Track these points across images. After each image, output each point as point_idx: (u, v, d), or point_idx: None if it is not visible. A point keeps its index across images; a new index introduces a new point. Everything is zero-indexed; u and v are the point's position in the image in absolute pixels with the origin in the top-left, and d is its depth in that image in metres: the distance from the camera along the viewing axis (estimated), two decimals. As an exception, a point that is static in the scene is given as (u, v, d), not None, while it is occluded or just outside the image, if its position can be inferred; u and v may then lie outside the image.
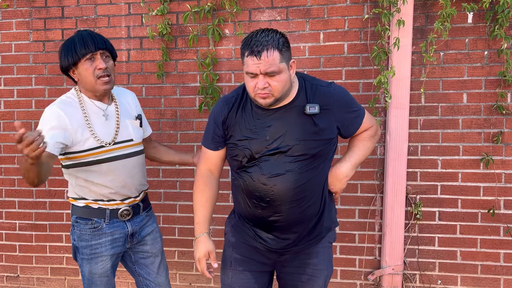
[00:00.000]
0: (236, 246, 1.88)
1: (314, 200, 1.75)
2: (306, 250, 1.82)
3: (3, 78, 3.06)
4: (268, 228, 1.77)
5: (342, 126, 1.75)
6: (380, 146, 2.75)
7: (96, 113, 1.93)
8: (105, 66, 1.86)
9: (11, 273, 3.22)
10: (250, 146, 1.71)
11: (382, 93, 2.68)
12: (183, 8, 2.83)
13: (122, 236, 2.01)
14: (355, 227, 2.83)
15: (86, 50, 1.83)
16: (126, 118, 2.02)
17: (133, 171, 2.00)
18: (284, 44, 1.61)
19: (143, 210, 2.10)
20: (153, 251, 2.13)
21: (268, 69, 1.57)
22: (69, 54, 1.86)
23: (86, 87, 1.90)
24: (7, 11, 3.02)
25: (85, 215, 1.97)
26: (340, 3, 2.71)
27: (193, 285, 3.05)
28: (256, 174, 1.71)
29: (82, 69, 1.86)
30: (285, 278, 1.88)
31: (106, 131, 1.93)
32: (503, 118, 2.64)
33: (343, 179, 1.82)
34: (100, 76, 1.86)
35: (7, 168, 3.12)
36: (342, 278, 2.88)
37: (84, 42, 1.84)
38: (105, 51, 1.89)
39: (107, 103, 1.98)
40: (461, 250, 2.75)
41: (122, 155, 1.96)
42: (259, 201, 1.73)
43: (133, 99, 2.13)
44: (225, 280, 1.90)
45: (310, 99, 1.70)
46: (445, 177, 2.72)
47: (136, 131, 2.04)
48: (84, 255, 1.99)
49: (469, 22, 2.62)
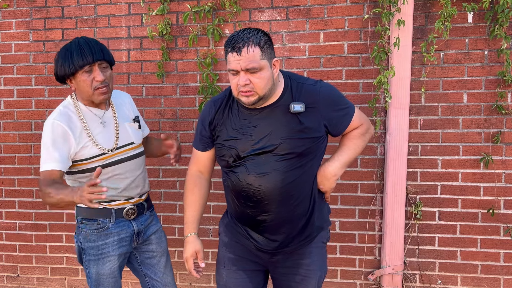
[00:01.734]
0: (229, 246, 1.89)
1: (302, 199, 1.74)
2: (298, 251, 1.82)
3: (3, 78, 3.06)
4: (257, 227, 1.77)
5: (329, 125, 1.73)
6: (380, 146, 2.75)
7: (94, 120, 1.93)
8: (103, 78, 1.83)
9: (11, 273, 3.22)
10: (236, 146, 1.71)
11: (382, 93, 2.68)
12: (183, 8, 2.83)
13: (128, 235, 2.02)
14: (355, 227, 2.83)
15: (83, 61, 1.79)
16: (124, 121, 2.02)
17: (136, 173, 2.01)
18: (266, 42, 1.61)
19: (147, 209, 2.11)
20: (159, 250, 2.13)
21: (248, 65, 1.57)
22: (66, 64, 1.81)
23: (83, 96, 1.89)
24: (7, 11, 3.02)
25: (90, 216, 1.97)
26: (340, 3, 2.71)
27: (193, 285, 3.05)
28: (243, 173, 1.71)
29: (80, 80, 1.83)
30: (278, 278, 1.87)
31: (106, 137, 1.93)
32: (503, 118, 2.64)
33: (332, 178, 1.80)
34: (98, 88, 1.84)
35: (7, 168, 3.12)
36: (342, 278, 2.88)
37: (82, 52, 1.79)
38: (102, 61, 1.85)
39: (104, 108, 1.97)
40: (461, 250, 2.75)
41: (125, 158, 1.97)
42: (247, 200, 1.73)
43: (130, 100, 2.12)
44: (219, 279, 1.91)
45: (296, 97, 1.70)
46: (445, 177, 2.72)
47: (135, 133, 2.04)
48: (91, 256, 1.98)
49: (469, 22, 2.62)
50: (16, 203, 3.13)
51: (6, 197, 3.14)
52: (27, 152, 3.07)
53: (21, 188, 3.11)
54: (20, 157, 3.09)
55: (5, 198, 3.14)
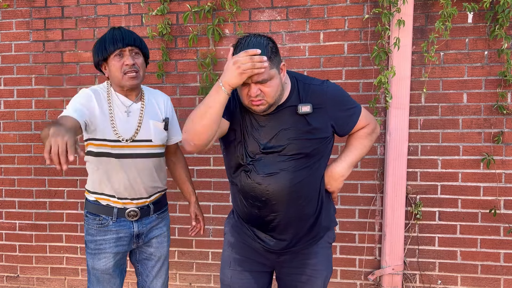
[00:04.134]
0: (235, 246, 1.88)
1: (310, 199, 1.74)
2: (305, 251, 1.82)
3: (3, 78, 3.06)
4: (265, 228, 1.77)
5: (336, 125, 1.74)
6: (380, 146, 2.75)
7: (120, 108, 1.96)
8: (133, 62, 1.90)
9: (11, 273, 3.22)
10: (245, 146, 1.71)
11: (382, 93, 2.68)
12: (183, 8, 2.83)
13: (127, 235, 2.02)
14: (355, 227, 2.83)
15: (114, 46, 1.88)
16: (150, 118, 2.01)
17: (146, 172, 1.99)
18: (272, 51, 1.58)
19: (155, 212, 2.08)
20: (157, 255, 2.12)
21: (259, 78, 1.55)
22: (99, 50, 1.92)
23: (114, 81, 1.94)
24: (7, 11, 3.02)
25: (94, 211, 2.01)
26: (340, 3, 2.71)
27: (193, 285, 3.05)
28: (251, 173, 1.70)
29: (111, 64, 1.90)
30: (284, 278, 1.87)
31: (127, 127, 1.94)
32: (503, 118, 2.64)
33: (339, 179, 1.80)
34: (127, 72, 1.89)
35: (7, 168, 3.12)
36: (342, 278, 2.88)
37: (114, 38, 1.89)
38: (134, 47, 1.92)
39: (134, 100, 1.99)
40: (461, 250, 2.75)
41: (139, 154, 1.96)
42: (255, 200, 1.73)
43: (166, 102, 2.11)
44: (224, 280, 1.90)
45: (303, 98, 1.69)
46: (445, 177, 2.72)
47: (157, 133, 2.02)
48: (89, 249, 2.02)
49: (469, 22, 2.62)
50: (16, 203, 3.13)
51: (6, 197, 3.14)
52: (27, 152, 3.07)
53: (21, 188, 3.11)
54: (20, 157, 3.09)
55: (5, 198, 3.14)
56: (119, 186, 1.95)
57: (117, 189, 1.96)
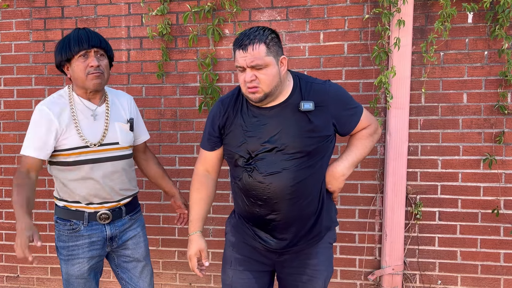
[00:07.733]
0: (236, 246, 1.89)
1: (311, 198, 1.75)
2: (305, 251, 1.82)
3: (3, 78, 3.06)
4: (266, 227, 1.78)
5: (338, 124, 1.75)
6: (380, 146, 2.75)
7: (85, 113, 1.92)
8: (97, 64, 1.85)
9: (11, 273, 3.22)
10: (246, 145, 1.72)
11: (382, 93, 2.68)
12: (183, 8, 2.83)
13: (100, 239, 1.98)
14: (355, 227, 2.83)
15: (79, 47, 1.83)
16: (115, 120, 1.98)
17: (115, 175, 1.96)
18: (272, 39, 1.65)
19: (127, 214, 2.04)
20: (135, 256, 2.08)
21: (253, 62, 1.60)
22: (63, 50, 1.86)
23: (77, 83, 1.90)
24: (7, 11, 3.02)
25: (64, 216, 1.97)
26: (340, 3, 2.71)
27: (193, 285, 3.05)
28: (253, 172, 1.71)
29: (75, 65, 1.86)
30: (285, 278, 1.88)
31: (93, 132, 1.91)
32: (503, 118, 2.64)
33: (340, 178, 1.81)
34: (91, 73, 1.85)
35: (7, 168, 3.12)
36: (342, 278, 2.88)
37: (79, 39, 1.84)
38: (99, 49, 1.88)
39: (98, 103, 1.95)
40: (461, 250, 2.75)
41: (106, 158, 1.93)
42: (256, 199, 1.73)
43: (129, 102, 2.08)
44: (225, 280, 1.90)
45: (305, 96, 1.71)
46: (445, 177, 2.72)
47: (124, 135, 1.99)
48: (62, 255, 1.98)
49: (469, 22, 2.62)
50: (16, 203, 3.13)
51: (6, 197, 3.14)
52: (27, 152, 3.07)
53: (21, 188, 3.11)
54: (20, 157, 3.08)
55: (5, 198, 3.14)
56: (89, 192, 1.92)
57: (87, 195, 1.92)
